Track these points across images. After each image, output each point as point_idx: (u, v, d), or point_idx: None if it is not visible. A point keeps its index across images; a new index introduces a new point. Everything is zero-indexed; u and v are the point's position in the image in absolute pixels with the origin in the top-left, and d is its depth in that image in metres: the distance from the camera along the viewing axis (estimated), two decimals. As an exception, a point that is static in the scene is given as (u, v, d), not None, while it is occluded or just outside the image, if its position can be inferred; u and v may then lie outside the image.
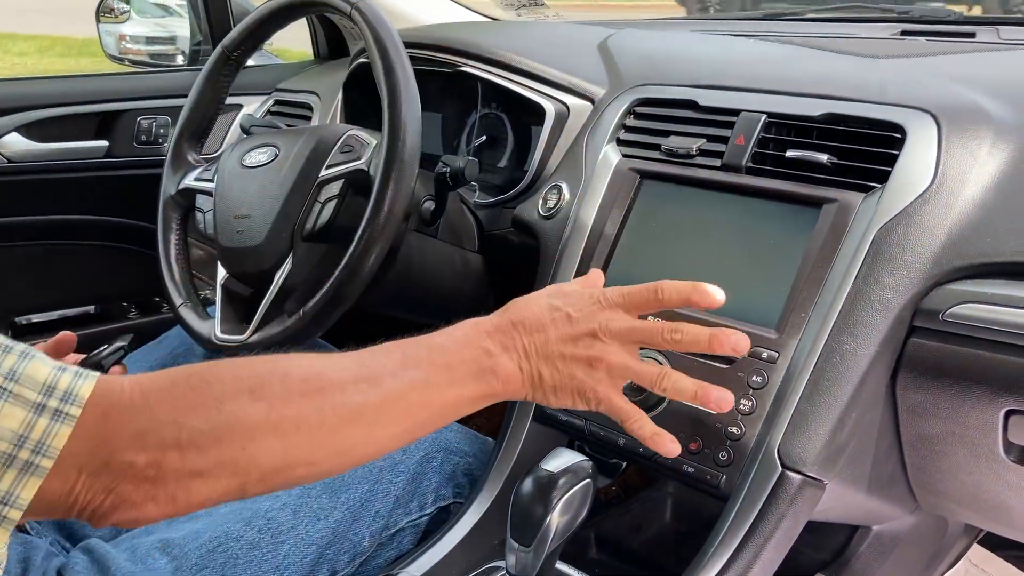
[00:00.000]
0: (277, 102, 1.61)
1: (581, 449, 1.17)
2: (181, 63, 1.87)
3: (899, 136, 0.90)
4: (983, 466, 0.91)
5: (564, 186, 1.12)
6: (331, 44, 1.74)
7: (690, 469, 0.91)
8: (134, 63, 1.87)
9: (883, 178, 0.89)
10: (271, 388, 0.63)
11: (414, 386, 0.69)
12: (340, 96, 1.45)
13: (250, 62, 1.71)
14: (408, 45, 1.34)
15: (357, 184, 1.03)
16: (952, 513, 1.04)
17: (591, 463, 0.90)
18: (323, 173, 1.05)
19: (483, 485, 1.01)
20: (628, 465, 1.08)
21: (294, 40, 1.82)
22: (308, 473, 0.65)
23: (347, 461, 0.68)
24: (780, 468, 0.85)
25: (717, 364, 0.92)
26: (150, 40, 2.19)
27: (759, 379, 0.88)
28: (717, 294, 0.76)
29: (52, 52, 10.73)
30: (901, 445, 0.96)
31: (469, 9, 1.69)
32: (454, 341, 0.73)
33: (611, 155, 1.09)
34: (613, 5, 14.52)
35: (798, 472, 0.85)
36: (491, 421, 1.61)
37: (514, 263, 1.26)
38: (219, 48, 1.17)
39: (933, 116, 0.90)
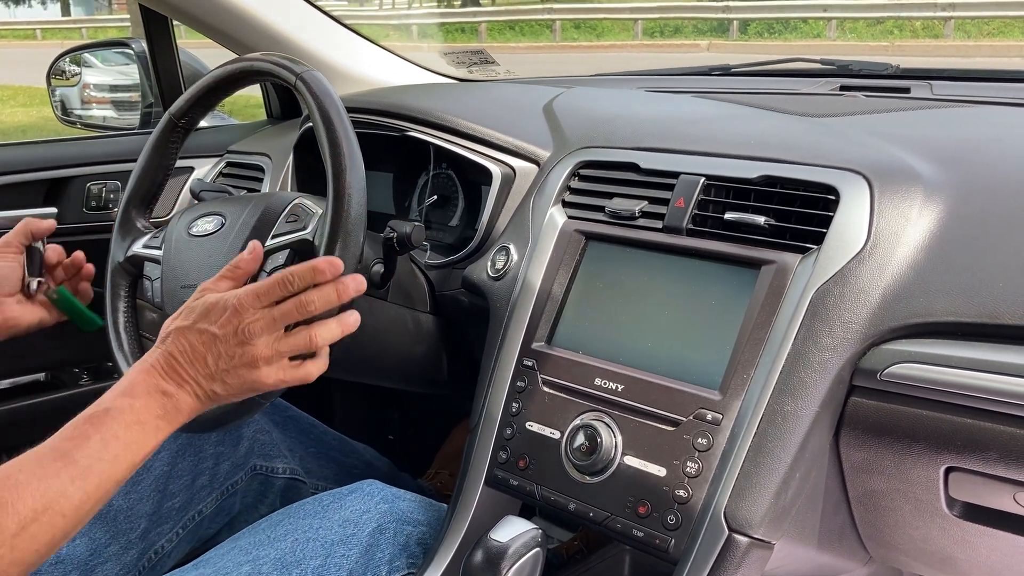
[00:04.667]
0: (229, 164, 1.61)
1: (536, 512, 1.17)
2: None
3: (833, 198, 0.92)
4: (928, 521, 0.92)
5: (512, 247, 1.13)
6: (284, 104, 1.75)
7: (639, 533, 0.91)
8: (86, 125, 1.86)
9: (819, 239, 0.90)
10: None
11: (117, 458, 0.78)
12: (291, 158, 1.46)
13: (202, 123, 1.72)
14: (356, 110, 1.37)
15: (303, 254, 1.03)
16: (904, 565, 1.05)
17: (540, 531, 0.90)
18: (269, 243, 1.04)
19: (435, 554, 1.01)
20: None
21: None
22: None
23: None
24: (727, 531, 0.85)
25: (663, 427, 0.92)
26: (114, 88, 2.18)
27: (704, 441, 0.89)
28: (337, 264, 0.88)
29: (14, 102, 10.68)
30: (849, 501, 0.97)
31: (421, 68, 1.71)
32: (134, 395, 0.82)
33: (557, 217, 1.10)
34: (574, 46, 14.78)
35: (744, 534, 0.85)
36: (454, 476, 1.60)
37: (467, 323, 1.26)
38: (166, 115, 1.17)
39: (865, 178, 0.92)
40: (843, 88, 1.37)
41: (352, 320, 0.91)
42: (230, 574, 0.93)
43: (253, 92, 1.86)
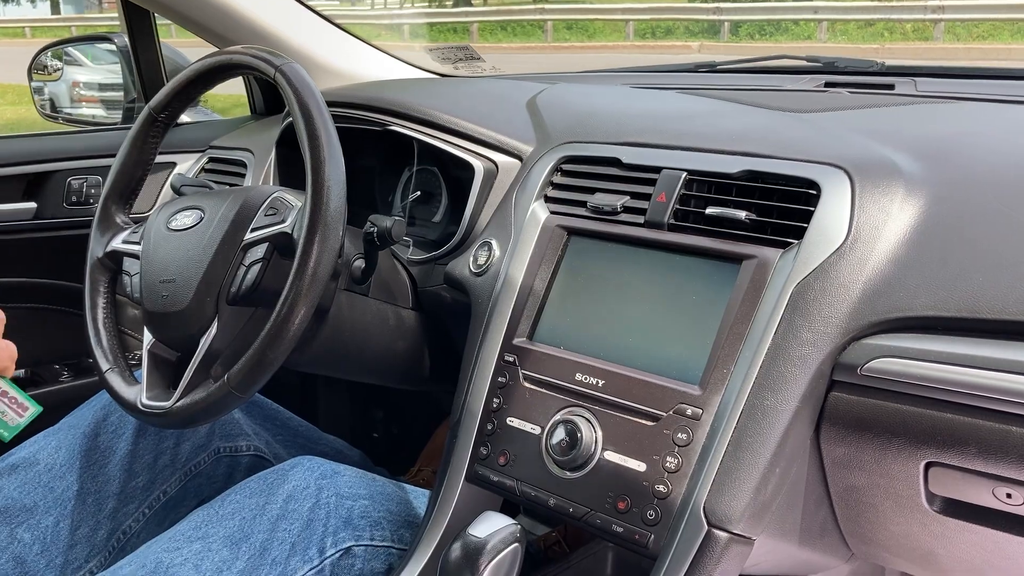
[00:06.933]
0: (211, 159, 1.60)
1: (521, 510, 1.17)
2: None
3: (814, 192, 0.91)
4: (908, 516, 0.92)
5: (494, 243, 1.13)
6: (267, 100, 1.74)
7: (619, 529, 0.90)
8: (68, 121, 1.85)
9: (800, 234, 0.90)
10: None
11: None
12: (274, 153, 1.45)
13: (185, 119, 1.71)
14: (338, 104, 1.36)
15: (282, 247, 1.03)
16: (886, 561, 1.05)
17: (519, 527, 0.89)
18: (248, 236, 1.04)
19: (414, 550, 1.00)
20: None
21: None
22: None
23: None
24: (706, 526, 0.85)
25: (643, 422, 0.92)
26: (103, 87, 2.17)
27: (684, 436, 0.89)
28: None
29: (3, 100, 10.62)
30: (830, 496, 0.96)
31: (406, 63, 1.71)
32: None
33: (539, 212, 1.09)
34: (566, 47, 14.79)
35: (724, 530, 0.85)
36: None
37: (449, 320, 1.26)
38: (146, 110, 1.16)
39: (846, 172, 0.91)
40: (828, 85, 1.36)
41: None
42: (181, 550, 0.95)
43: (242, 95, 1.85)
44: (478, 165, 1.21)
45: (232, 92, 1.91)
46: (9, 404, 0.87)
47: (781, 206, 0.93)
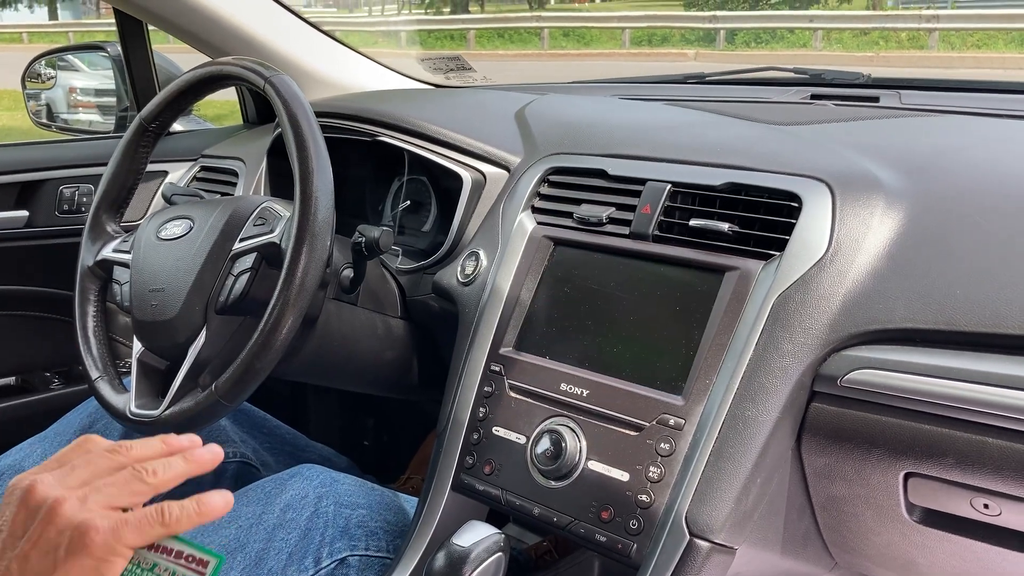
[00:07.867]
0: (203, 168, 1.61)
1: (510, 519, 1.17)
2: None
3: (796, 205, 0.92)
4: (889, 526, 0.92)
5: (482, 253, 1.14)
6: (260, 109, 1.75)
7: (602, 538, 0.91)
8: (61, 129, 1.85)
9: (782, 246, 0.91)
10: None
11: None
12: (265, 163, 1.46)
13: (178, 127, 1.72)
14: (328, 115, 1.37)
15: (270, 257, 1.03)
16: (868, 571, 1.05)
17: (503, 536, 0.90)
18: (236, 246, 1.05)
19: (401, 557, 1.01)
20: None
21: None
22: None
23: None
24: (688, 536, 0.86)
25: (627, 432, 0.93)
26: (100, 92, 2.18)
27: (667, 446, 0.89)
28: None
29: (-1, 105, 10.62)
30: (813, 507, 0.97)
31: (397, 73, 1.71)
32: None
33: (526, 222, 1.10)
34: (562, 54, 14.83)
35: (705, 539, 0.85)
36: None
37: (437, 329, 1.27)
38: (136, 119, 1.18)
39: (828, 185, 0.92)
40: (814, 97, 1.38)
41: (213, 507, 0.70)
42: None
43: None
44: (466, 176, 1.22)
45: (230, 98, 1.92)
46: (187, 565, 0.68)
47: (763, 218, 0.94)
